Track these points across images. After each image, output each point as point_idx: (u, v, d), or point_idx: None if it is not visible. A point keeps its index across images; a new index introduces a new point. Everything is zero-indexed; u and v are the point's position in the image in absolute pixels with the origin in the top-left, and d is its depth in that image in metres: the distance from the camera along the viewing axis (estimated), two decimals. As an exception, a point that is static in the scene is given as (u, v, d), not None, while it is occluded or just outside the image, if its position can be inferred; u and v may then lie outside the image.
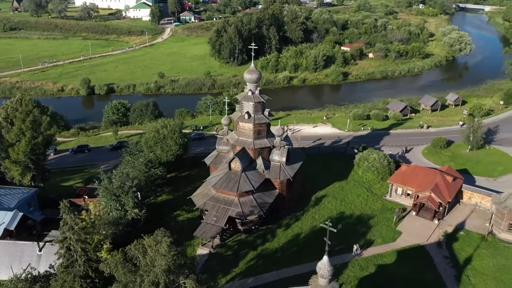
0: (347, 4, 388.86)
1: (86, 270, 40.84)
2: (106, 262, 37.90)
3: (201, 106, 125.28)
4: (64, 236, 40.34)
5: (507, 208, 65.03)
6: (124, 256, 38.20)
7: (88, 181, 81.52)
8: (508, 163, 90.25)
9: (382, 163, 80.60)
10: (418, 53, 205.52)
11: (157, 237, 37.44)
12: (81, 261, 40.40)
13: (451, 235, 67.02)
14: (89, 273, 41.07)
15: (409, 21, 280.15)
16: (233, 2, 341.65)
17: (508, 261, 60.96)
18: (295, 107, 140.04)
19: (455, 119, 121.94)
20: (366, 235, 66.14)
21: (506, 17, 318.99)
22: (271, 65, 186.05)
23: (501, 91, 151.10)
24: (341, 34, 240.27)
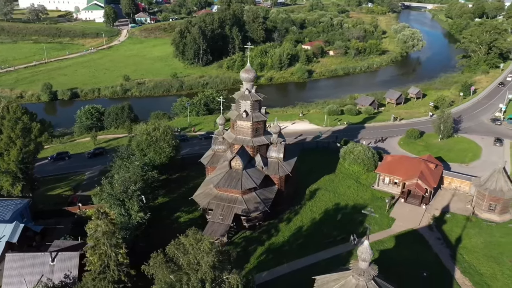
0: (300, 4, 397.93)
1: (119, 275, 40.43)
2: (148, 264, 37.88)
3: (176, 107, 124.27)
4: (95, 242, 39.64)
5: (487, 190, 70.71)
6: (163, 256, 38.32)
7: (77, 189, 79.24)
8: (476, 149, 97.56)
9: (367, 155, 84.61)
10: (375, 50, 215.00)
11: (196, 236, 37.93)
12: (114, 266, 39.93)
13: (439, 218, 71.91)
14: (122, 277, 40.69)
15: (362, 20, 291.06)
16: (188, 3, 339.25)
17: (493, 238, 66.48)
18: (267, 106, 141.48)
19: (420, 111, 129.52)
20: (363, 223, 69.24)
21: (448, 14, 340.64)
22: (237, 65, 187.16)
23: (456, 83, 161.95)
24: (300, 33, 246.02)
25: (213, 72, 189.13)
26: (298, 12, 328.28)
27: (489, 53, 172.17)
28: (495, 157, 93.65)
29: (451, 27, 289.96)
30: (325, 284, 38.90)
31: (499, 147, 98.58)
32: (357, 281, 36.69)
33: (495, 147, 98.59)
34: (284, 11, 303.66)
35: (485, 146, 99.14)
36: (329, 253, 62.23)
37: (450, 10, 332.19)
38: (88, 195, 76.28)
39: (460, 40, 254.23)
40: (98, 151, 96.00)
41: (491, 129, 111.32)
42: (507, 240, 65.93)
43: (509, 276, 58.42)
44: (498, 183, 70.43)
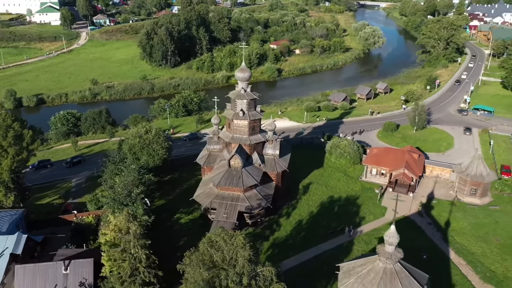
0: (260, 3, 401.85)
1: (148, 277, 40.42)
2: (183, 264, 38.21)
3: (154, 109, 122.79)
4: (125, 245, 39.44)
5: (468, 176, 75.76)
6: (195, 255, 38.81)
7: (67, 196, 77.14)
8: (449, 139, 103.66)
9: (353, 149, 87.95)
10: (339, 48, 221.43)
11: (228, 232, 38.81)
12: (143, 268, 39.91)
13: (426, 204, 76.21)
14: (151, 279, 40.70)
15: (323, 18, 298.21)
16: (147, 4, 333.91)
17: (477, 220, 71.39)
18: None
19: (391, 105, 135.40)
20: (358, 214, 72.44)
21: (402, 12, 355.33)
22: (206, 65, 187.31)
23: (419, 78, 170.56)
24: (265, 32, 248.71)
25: (183, 73, 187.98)
26: (259, 12, 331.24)
27: (447, 48, 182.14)
28: (466, 145, 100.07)
29: (407, 24, 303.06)
30: (351, 270, 40.86)
31: (469, 135, 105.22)
32: (385, 264, 38.92)
33: (465, 136, 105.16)
34: (246, 11, 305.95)
35: (456, 136, 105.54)
36: (331, 244, 64.58)
37: (404, 8, 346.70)
38: (81, 202, 74.76)
39: (416, 36, 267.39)
40: (76, 160, 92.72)
41: (459, 119, 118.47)
42: (489, 221, 71.02)
43: (497, 254, 63.13)
44: (478, 169, 75.61)
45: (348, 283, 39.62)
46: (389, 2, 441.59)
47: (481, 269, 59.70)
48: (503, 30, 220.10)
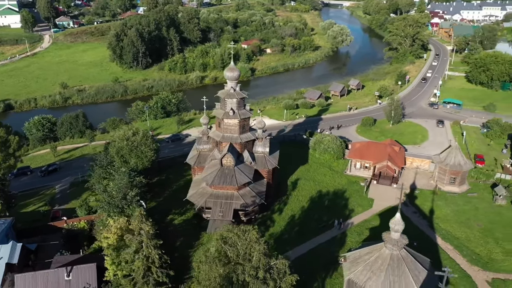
0: (226, 3, 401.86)
1: (162, 277, 40.45)
2: (199, 261, 38.54)
3: (132, 112, 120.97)
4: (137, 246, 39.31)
5: (448, 165, 79.63)
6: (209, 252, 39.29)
7: (52, 203, 75.20)
8: (423, 132, 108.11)
9: (336, 144, 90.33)
10: (309, 46, 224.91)
11: (241, 227, 39.57)
12: (156, 268, 39.92)
13: (409, 194, 79.50)
14: (163, 279, 40.73)
15: (291, 18, 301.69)
16: (111, 5, 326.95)
17: (458, 207, 75.21)
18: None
19: (365, 101, 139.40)
20: (347, 206, 74.65)
21: (365, 11, 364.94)
22: (179, 66, 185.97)
23: (388, 74, 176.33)
24: (235, 32, 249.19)
25: (155, 75, 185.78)
26: (227, 12, 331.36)
27: (413, 45, 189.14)
28: (440, 137, 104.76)
29: (371, 22, 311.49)
30: (358, 259, 42.50)
31: (442, 128, 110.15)
32: (391, 251, 40.78)
33: (438, 128, 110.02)
34: (214, 11, 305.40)
35: (430, 128, 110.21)
36: (325, 236, 66.38)
37: (367, 7, 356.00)
38: (68, 208, 73.16)
39: (381, 34, 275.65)
40: (52, 168, 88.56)
41: (430, 112, 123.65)
42: (469, 208, 75.02)
43: (480, 238, 66.90)
44: (456, 159, 79.60)
45: (357, 271, 41.22)
46: (352, 1, 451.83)
47: (467, 252, 63.13)
48: (462, 27, 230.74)
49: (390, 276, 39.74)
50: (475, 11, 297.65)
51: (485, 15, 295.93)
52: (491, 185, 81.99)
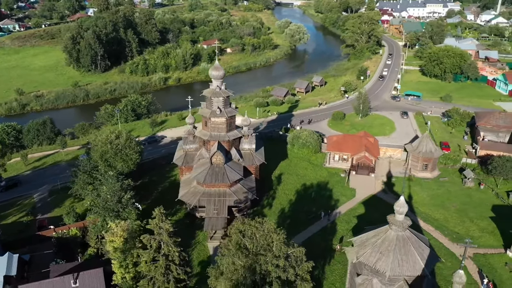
0: (178, 3, 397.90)
1: (181, 274, 40.79)
2: (221, 254, 39.30)
3: (101, 116, 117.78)
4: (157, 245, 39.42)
5: (420, 153, 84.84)
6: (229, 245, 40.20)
7: (34, 213, 72.37)
8: (390, 123, 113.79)
9: (314, 138, 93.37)
10: (268, 45, 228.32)
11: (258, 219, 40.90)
12: (175, 266, 40.25)
13: (387, 182, 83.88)
14: (183, 276, 41.07)
15: (247, 17, 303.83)
16: (58, 7, 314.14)
17: (433, 191, 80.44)
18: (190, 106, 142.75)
19: (331, 96, 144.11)
20: (332, 197, 77.67)
21: (317, 9, 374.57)
22: (140, 68, 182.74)
23: (348, 70, 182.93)
24: (193, 32, 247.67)
25: (115, 77, 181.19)
26: (181, 12, 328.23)
27: (368, 41, 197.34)
28: (406, 128, 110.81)
29: (324, 20, 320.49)
30: (365, 242, 45.08)
31: (406, 119, 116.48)
32: (396, 232, 43.66)
33: (403, 119, 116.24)
34: (168, 12, 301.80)
35: (395, 120, 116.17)
36: (316, 227, 68.84)
37: (319, 6, 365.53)
38: (53, 216, 70.84)
39: (334, 31, 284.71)
40: (11, 183, 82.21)
41: (394, 105, 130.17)
42: (443, 191, 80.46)
43: (456, 218, 72.08)
44: (427, 146, 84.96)
45: (366, 253, 43.76)
46: (303, 0, 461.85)
47: (447, 232, 67.92)
48: (411, 23, 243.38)
49: (398, 256, 42.59)
50: (420, 8, 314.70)
51: (429, 11, 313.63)
52: (458, 169, 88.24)
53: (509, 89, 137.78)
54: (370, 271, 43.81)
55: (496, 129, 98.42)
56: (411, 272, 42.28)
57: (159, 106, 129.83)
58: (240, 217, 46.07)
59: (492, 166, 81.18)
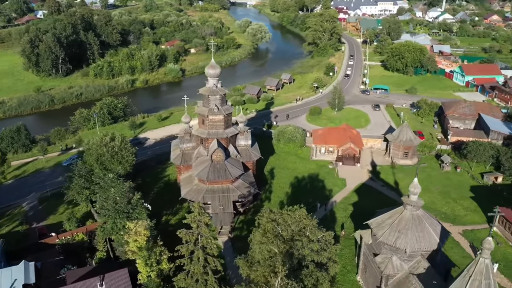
0: (131, 5, 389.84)
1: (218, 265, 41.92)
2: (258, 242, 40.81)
3: (77, 120, 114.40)
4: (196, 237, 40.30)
5: (401, 142, 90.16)
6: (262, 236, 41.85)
7: (28, 221, 70.05)
8: (365, 116, 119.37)
9: (299, 133, 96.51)
10: (232, 45, 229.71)
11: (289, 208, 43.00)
12: (212, 258, 41.37)
13: (372, 171, 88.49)
14: (219, 267, 42.23)
15: (206, 17, 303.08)
16: (4, 9, 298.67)
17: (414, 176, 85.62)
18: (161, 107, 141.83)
19: (302, 93, 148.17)
20: (325, 187, 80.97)
21: (273, 8, 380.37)
22: (105, 71, 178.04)
23: (314, 67, 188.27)
24: (154, 33, 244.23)
25: (80, 81, 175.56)
26: (136, 13, 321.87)
27: (331, 39, 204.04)
28: (380, 119, 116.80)
29: (282, 19, 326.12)
30: (382, 223, 48.29)
31: (379, 111, 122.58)
32: (411, 212, 47.18)
33: (376, 112, 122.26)
34: (126, 13, 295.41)
35: (369, 112, 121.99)
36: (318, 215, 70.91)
37: (275, 5, 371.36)
38: (50, 224, 69.05)
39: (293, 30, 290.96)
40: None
41: (364, 98, 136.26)
42: (425, 176, 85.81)
43: (441, 199, 77.60)
44: (407, 135, 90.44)
45: (385, 233, 46.97)
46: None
47: (436, 213, 72.89)
48: (368, 21, 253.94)
49: (415, 233, 46.11)
50: (372, 7, 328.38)
51: (381, 9, 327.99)
52: (434, 156, 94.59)
53: (466, 80, 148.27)
54: (389, 249, 47.06)
55: (463, 117, 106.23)
56: (428, 247, 45.98)
57: (135, 108, 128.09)
58: (268, 208, 47.43)
59: (466, 151, 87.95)
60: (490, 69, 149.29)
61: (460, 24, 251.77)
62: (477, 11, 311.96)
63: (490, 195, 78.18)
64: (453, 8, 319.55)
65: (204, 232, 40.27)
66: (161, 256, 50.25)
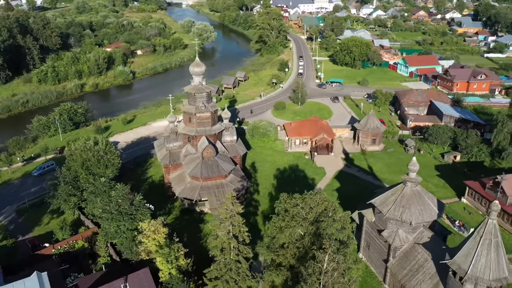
0: (61, 7, 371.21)
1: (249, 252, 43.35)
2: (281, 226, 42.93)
3: (36, 128, 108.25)
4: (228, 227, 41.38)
5: (369, 129, 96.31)
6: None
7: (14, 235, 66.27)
8: (326, 108, 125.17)
9: (273, 127, 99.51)
10: (179, 45, 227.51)
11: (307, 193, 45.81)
12: (243, 246, 42.68)
13: (346, 158, 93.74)
14: (249, 255, 43.60)
15: (147, 18, 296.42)
16: None
17: (386, 161, 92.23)
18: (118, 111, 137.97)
19: (260, 89, 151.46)
20: (307, 177, 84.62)
21: (212, 8, 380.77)
22: (50, 76, 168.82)
23: (265, 64, 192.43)
24: (96, 36, 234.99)
25: (23, 88, 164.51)
26: (70, 15, 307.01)
27: (278, 36, 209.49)
28: (340, 110, 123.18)
29: (223, 19, 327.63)
30: (386, 200, 52.49)
31: (338, 103, 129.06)
32: (412, 188, 51.85)
33: (335, 104, 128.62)
34: (60, 15, 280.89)
35: (329, 105, 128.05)
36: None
37: (214, 4, 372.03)
38: (38, 235, 65.89)
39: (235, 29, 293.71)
40: None
41: (321, 92, 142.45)
42: (394, 160, 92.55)
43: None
44: (373, 123, 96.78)
45: (390, 209, 51.18)
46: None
47: (411, 191, 79.36)
48: (309, 18, 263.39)
49: (417, 206, 50.75)
50: (310, 5, 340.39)
51: (317, 7, 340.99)
52: (397, 141, 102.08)
53: (409, 71, 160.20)
54: (395, 224, 51.35)
55: (417, 104, 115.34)
56: (429, 218, 50.88)
57: (96, 112, 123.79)
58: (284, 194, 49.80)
59: (428, 134, 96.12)
60: (429, 60, 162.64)
61: (393, 20, 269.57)
62: (405, 7, 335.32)
63: (453, 172, 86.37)
64: (383, 5, 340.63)
65: (237, 221, 41.59)
66: (178, 252, 50.63)
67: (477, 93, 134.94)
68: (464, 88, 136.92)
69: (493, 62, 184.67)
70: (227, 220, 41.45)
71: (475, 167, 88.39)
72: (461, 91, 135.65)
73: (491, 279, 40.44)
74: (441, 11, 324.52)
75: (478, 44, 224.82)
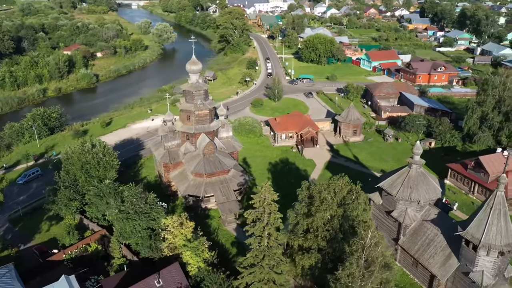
0: (3, 9, 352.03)
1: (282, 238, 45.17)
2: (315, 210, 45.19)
3: (10, 135, 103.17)
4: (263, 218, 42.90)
5: (350, 121, 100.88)
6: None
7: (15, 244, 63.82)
8: (302, 103, 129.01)
9: (258, 123, 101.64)
10: (140, 46, 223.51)
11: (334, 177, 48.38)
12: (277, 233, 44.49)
13: (331, 150, 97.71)
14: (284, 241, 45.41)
15: (101, 20, 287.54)
16: None
17: (368, 150, 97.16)
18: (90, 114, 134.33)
19: (233, 88, 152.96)
20: (300, 169, 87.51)
21: (166, 9, 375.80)
22: (8, 81, 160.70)
23: (231, 63, 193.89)
24: (50, 38, 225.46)
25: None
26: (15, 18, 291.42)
27: (242, 35, 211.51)
28: (316, 105, 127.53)
29: (179, 19, 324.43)
30: (394, 183, 56.29)
31: (312, 98, 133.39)
32: (416, 170, 55.98)
33: (310, 99, 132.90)
34: (6, 18, 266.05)
35: (304, 100, 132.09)
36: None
37: (167, 5, 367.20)
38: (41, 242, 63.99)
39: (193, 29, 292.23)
40: None
41: (294, 88, 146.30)
42: (375, 149, 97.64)
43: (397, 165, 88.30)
44: (354, 115, 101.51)
45: (399, 190, 55.02)
46: (145, 0, 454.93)
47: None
48: (267, 17, 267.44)
49: (423, 186, 54.93)
50: (265, 4, 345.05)
51: (272, 6, 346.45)
52: (375, 131, 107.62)
53: (372, 65, 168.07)
54: (404, 204, 55.25)
55: (388, 96, 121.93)
56: (435, 197, 55.30)
57: (70, 117, 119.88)
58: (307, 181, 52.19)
59: (404, 123, 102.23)
60: (390, 55, 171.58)
61: (348, 18, 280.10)
62: (356, 6, 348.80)
63: (431, 156, 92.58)
64: (335, 4, 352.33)
65: (274, 209, 43.34)
66: (203, 245, 51.57)
67: (438, 84, 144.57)
68: (426, 80, 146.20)
69: (445, 56, 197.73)
70: (262, 209, 43.04)
71: (449, 151, 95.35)
72: (424, 83, 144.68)
73: (503, 244, 45.03)
74: (389, 8, 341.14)
75: (429, 39, 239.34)
